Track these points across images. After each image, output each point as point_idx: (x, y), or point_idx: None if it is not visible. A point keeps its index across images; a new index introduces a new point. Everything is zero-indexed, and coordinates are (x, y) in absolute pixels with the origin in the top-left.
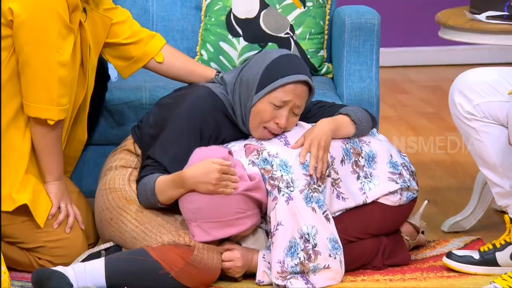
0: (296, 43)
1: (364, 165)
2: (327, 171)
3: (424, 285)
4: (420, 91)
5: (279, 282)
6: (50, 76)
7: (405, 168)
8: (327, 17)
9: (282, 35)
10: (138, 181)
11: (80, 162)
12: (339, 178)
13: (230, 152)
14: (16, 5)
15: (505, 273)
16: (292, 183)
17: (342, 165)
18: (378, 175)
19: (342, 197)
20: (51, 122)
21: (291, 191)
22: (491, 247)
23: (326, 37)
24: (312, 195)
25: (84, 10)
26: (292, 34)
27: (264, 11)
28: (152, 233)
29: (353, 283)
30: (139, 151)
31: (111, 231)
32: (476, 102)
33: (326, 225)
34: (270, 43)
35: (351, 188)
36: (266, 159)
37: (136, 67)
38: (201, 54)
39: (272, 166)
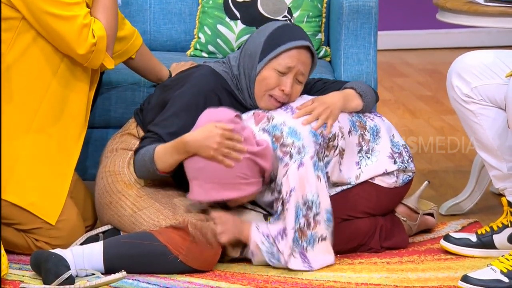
0: None
1: (369, 140)
2: (335, 141)
3: (422, 268)
4: (417, 74)
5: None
6: (80, 33)
7: (405, 149)
8: None
9: (280, 18)
10: (136, 151)
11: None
12: (344, 150)
13: (238, 116)
14: None
15: (502, 256)
16: (303, 148)
17: (349, 136)
18: (380, 151)
19: (340, 168)
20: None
21: (302, 157)
22: (488, 229)
23: (324, 20)
24: (319, 164)
25: None
26: (289, 17)
27: None
28: (150, 218)
29: (350, 265)
30: (142, 134)
31: (110, 215)
32: (474, 84)
33: (326, 195)
34: None
35: (349, 159)
36: (276, 126)
37: (116, 62)
38: (198, 37)
39: (282, 133)
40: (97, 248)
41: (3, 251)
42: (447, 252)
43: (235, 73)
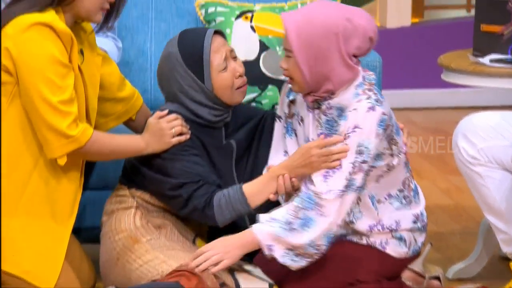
0: None
1: (412, 190)
2: (394, 147)
3: None
4: (422, 133)
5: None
6: (55, 116)
7: (426, 219)
8: None
9: (283, 77)
10: (204, 205)
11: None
12: (394, 167)
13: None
14: (11, 52)
15: None
16: (381, 104)
17: (402, 166)
18: (411, 208)
19: (379, 180)
20: (81, 144)
21: (377, 105)
22: None
23: None
24: (384, 127)
25: (81, 52)
26: None
27: (264, 53)
28: (154, 269)
29: None
30: (135, 193)
31: (117, 272)
32: (480, 146)
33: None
34: (270, 86)
35: (389, 184)
36: (372, 78)
37: (115, 123)
38: None
39: (373, 84)
40: None
41: None
42: None
43: (190, 108)
